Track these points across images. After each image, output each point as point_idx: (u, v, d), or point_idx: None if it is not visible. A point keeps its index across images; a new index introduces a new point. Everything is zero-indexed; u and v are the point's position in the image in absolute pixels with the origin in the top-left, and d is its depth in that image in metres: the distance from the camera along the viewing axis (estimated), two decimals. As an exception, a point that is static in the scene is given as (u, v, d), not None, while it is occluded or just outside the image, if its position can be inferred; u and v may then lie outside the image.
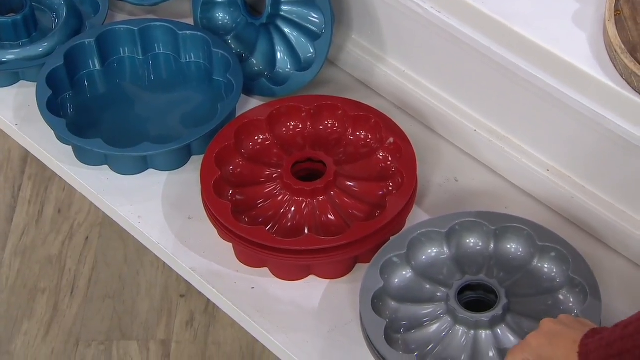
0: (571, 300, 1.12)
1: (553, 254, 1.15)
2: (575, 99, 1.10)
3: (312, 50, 1.39)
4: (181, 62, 1.44)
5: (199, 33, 1.42)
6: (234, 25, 1.46)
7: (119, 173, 1.34)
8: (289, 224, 1.23)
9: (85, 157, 1.35)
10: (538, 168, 1.26)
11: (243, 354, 1.62)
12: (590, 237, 1.23)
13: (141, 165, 1.34)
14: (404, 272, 1.17)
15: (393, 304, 1.15)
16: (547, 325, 0.97)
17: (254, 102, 1.40)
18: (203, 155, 1.28)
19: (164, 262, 1.62)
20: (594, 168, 1.20)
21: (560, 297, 1.13)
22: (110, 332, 1.65)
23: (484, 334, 1.10)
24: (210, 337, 1.63)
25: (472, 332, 1.10)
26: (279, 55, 1.42)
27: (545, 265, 1.15)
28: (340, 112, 1.32)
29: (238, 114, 1.35)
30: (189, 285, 1.69)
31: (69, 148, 1.36)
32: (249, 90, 1.41)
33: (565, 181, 1.24)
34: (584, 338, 0.92)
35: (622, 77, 1.06)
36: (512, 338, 1.10)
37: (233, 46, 1.44)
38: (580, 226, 1.24)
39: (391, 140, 1.28)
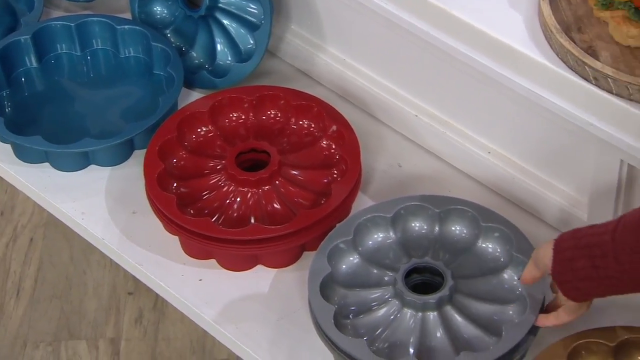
0: (515, 279, 1.13)
1: (497, 234, 1.16)
2: (513, 80, 1.11)
3: (252, 41, 1.39)
4: (120, 57, 1.43)
5: (138, 27, 1.41)
6: (172, 19, 1.45)
7: (60, 170, 1.32)
8: (235, 215, 1.23)
9: (25, 155, 1.33)
10: (479, 151, 1.27)
11: (193, 348, 1.61)
12: (532, 216, 1.25)
13: (83, 161, 1.32)
14: (351, 258, 1.18)
15: (341, 289, 1.15)
16: None
17: (195, 95, 1.40)
18: (146, 150, 1.27)
19: (111, 261, 1.61)
20: (534, 148, 1.22)
21: (505, 276, 1.14)
22: (58, 332, 1.63)
23: (431, 315, 1.11)
24: (160, 333, 1.62)
25: (420, 314, 1.11)
26: (218, 47, 1.42)
27: (490, 246, 1.16)
28: (282, 101, 1.32)
29: (180, 107, 1.34)
30: (136, 282, 1.68)
31: (8, 146, 1.34)
32: (190, 84, 1.41)
33: (506, 163, 1.26)
34: (564, 232, 1.01)
35: (557, 56, 1.08)
36: (459, 318, 1.11)
37: (172, 40, 1.44)
38: (521, 206, 1.26)
39: (334, 128, 1.29)
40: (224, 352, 1.61)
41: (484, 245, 1.17)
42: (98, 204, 1.29)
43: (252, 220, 1.22)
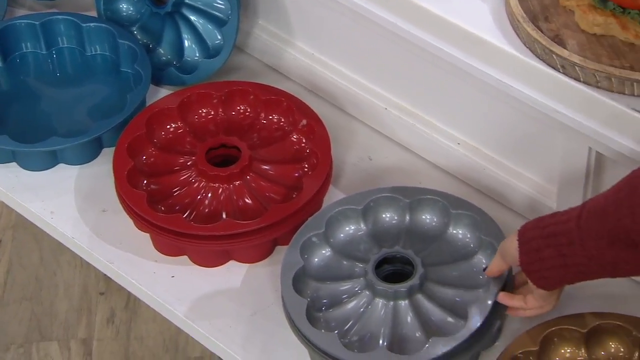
0: (484, 262, 1.14)
1: (466, 220, 1.16)
2: (481, 70, 1.12)
3: (219, 37, 1.39)
4: (86, 55, 1.42)
5: (104, 25, 1.41)
6: (138, 16, 1.44)
7: (28, 169, 1.31)
8: (206, 210, 1.23)
9: (-9, 155, 1.32)
10: (449, 142, 1.28)
11: (167, 347, 1.60)
12: (502, 206, 1.26)
13: (51, 160, 1.31)
14: (324, 251, 1.17)
15: (314, 283, 1.15)
16: None
17: (163, 92, 1.39)
18: (114, 147, 1.27)
19: (81, 262, 1.59)
20: (503, 138, 1.23)
21: (475, 261, 1.15)
22: (29, 334, 1.62)
23: (403, 304, 1.11)
24: (133, 333, 1.62)
25: (392, 303, 1.12)
26: (186, 43, 1.41)
27: (460, 232, 1.17)
28: (251, 96, 1.32)
29: (148, 104, 1.34)
30: (108, 282, 1.67)
31: (-25, 147, 1.33)
32: (158, 81, 1.40)
33: (475, 153, 1.26)
34: (526, 222, 1.01)
35: (525, 45, 1.09)
36: (430, 305, 1.11)
37: (139, 37, 1.43)
38: (492, 196, 1.26)
39: (304, 122, 1.28)
40: (198, 350, 1.60)
41: (454, 232, 1.17)
42: (67, 203, 1.28)
43: (224, 216, 1.22)
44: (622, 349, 1.08)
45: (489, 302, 1.07)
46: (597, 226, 0.93)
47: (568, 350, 1.09)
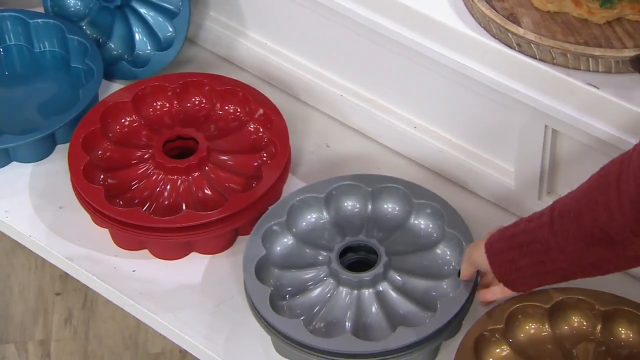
0: (448, 253, 1.14)
1: (429, 210, 1.17)
2: (437, 51, 1.12)
3: (171, 29, 1.38)
4: (35, 51, 1.40)
5: (52, 20, 1.38)
6: (87, 11, 1.42)
7: (-20, 169, 1.29)
8: (166, 203, 1.22)
9: (-58, 155, 1.29)
10: (406, 126, 1.28)
11: (126, 344, 1.58)
12: (461, 188, 1.26)
13: (3, 159, 1.29)
14: (285, 240, 1.17)
15: (276, 271, 1.15)
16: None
17: (116, 87, 1.37)
18: (69, 143, 1.25)
19: (36, 263, 1.56)
20: (460, 120, 1.24)
21: (438, 251, 1.15)
22: (-15, 338, 1.59)
23: (367, 292, 1.11)
24: (91, 332, 1.59)
25: (356, 292, 1.12)
26: (137, 36, 1.40)
27: (422, 222, 1.17)
28: (206, 88, 1.31)
29: (100, 99, 1.32)
30: (64, 282, 1.64)
31: None
32: (110, 75, 1.38)
33: (432, 137, 1.27)
34: (494, 231, 1.00)
35: (480, 25, 1.09)
36: (394, 294, 1.11)
37: (89, 32, 1.41)
38: (451, 179, 1.27)
39: (261, 111, 1.28)
40: (158, 346, 1.58)
41: (416, 221, 1.17)
42: (22, 201, 1.25)
43: (184, 208, 1.21)
44: (585, 323, 1.10)
45: (462, 297, 1.07)
46: (574, 229, 0.91)
47: (533, 326, 1.10)
